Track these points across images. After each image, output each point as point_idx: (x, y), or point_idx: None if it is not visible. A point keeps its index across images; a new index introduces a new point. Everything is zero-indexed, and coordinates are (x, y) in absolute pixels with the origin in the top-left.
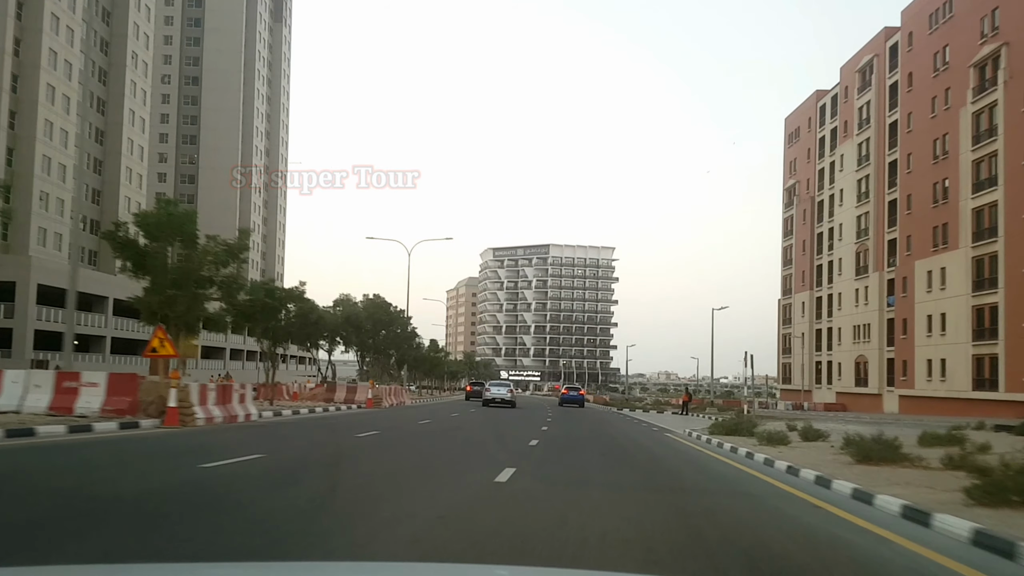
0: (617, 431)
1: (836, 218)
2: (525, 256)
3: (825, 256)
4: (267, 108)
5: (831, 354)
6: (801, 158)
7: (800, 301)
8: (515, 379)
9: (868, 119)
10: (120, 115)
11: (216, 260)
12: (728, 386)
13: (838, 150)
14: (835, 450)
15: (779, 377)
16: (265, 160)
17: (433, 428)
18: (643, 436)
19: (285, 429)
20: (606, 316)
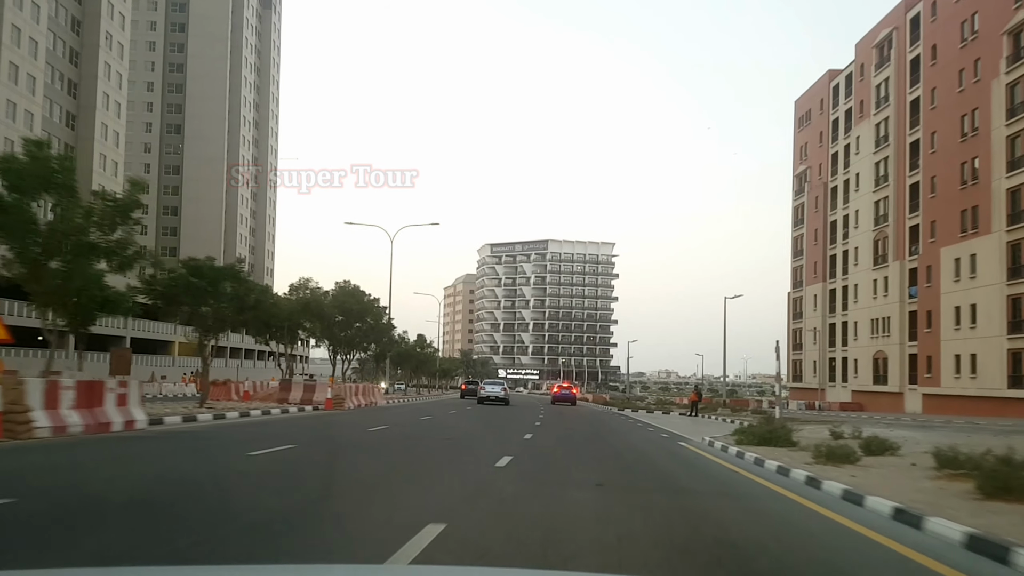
0: (619, 439)
1: (851, 204)
2: (523, 252)
3: (839, 245)
4: (256, 97)
5: (846, 350)
6: (812, 142)
7: (812, 294)
8: (514, 378)
9: (887, 97)
10: (93, 98)
11: (103, 221)
12: (730, 384)
13: (853, 132)
14: (926, 471)
15: (789, 375)
16: (254, 151)
17: (378, 439)
18: (651, 446)
19: (150, 446)
20: (606, 313)
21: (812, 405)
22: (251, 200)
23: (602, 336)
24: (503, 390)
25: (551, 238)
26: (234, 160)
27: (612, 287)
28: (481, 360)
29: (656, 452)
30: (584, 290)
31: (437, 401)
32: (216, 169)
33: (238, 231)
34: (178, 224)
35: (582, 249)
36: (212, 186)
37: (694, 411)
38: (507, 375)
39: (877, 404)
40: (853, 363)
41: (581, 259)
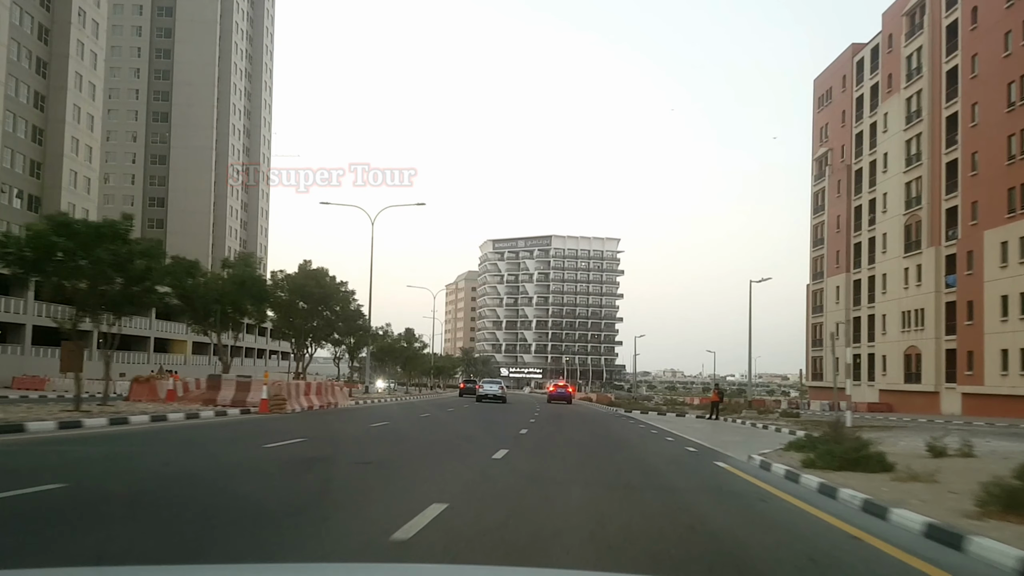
0: (628, 456)
1: (879, 187)
2: (526, 248)
3: (865, 232)
4: (247, 84)
5: (873, 346)
6: (834, 122)
7: (834, 285)
8: (516, 377)
9: (919, 68)
10: (64, 78)
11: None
12: (735, 384)
13: (881, 108)
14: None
15: (807, 373)
16: (245, 141)
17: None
18: (678, 471)
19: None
20: (611, 311)
21: (835, 406)
22: (242, 192)
23: (607, 334)
24: (500, 388)
25: (555, 233)
26: (224, 150)
27: (617, 284)
28: (483, 358)
29: (688, 483)
30: (588, 287)
31: (425, 401)
32: (205, 158)
33: (227, 224)
34: (164, 216)
35: (586, 245)
36: (200, 176)
37: (714, 413)
38: (510, 374)
39: (908, 405)
40: (881, 360)
41: (585, 255)
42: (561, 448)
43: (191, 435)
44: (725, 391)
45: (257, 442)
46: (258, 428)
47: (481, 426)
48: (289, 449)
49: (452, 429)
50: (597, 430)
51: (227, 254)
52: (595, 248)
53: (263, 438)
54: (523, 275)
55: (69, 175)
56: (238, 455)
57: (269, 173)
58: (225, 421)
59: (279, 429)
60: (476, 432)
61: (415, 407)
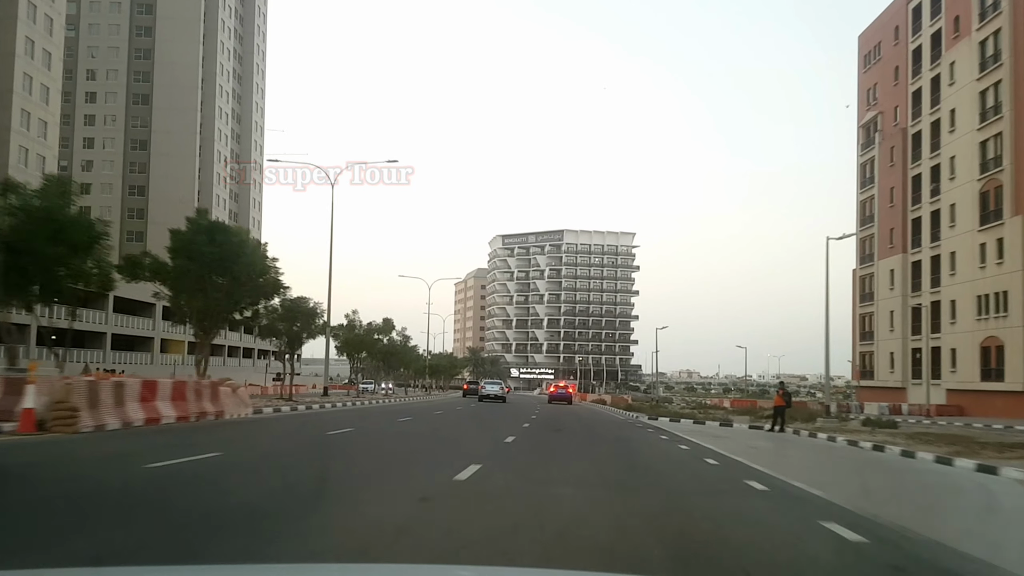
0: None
1: (944, 150)
2: (537, 243)
3: (926, 205)
4: (236, 65)
5: (938, 338)
6: (885, 81)
7: (887, 269)
8: (527, 377)
9: (996, 4)
10: (12, 44)
11: None
12: (758, 384)
13: (945, 58)
14: None
15: (855, 371)
16: (235, 127)
17: None
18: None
19: None
20: (625, 308)
21: (896, 409)
22: (230, 181)
23: (621, 332)
24: (501, 389)
25: (567, 227)
26: (209, 135)
27: (632, 280)
28: (491, 358)
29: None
30: (602, 283)
31: (403, 407)
32: (188, 141)
33: (214, 215)
34: (145, 205)
35: (600, 239)
36: (183, 163)
37: (778, 423)
38: (520, 374)
39: (986, 407)
40: (949, 354)
41: (599, 250)
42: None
43: None
44: (792, 394)
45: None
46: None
47: (459, 432)
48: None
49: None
50: (618, 455)
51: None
52: (609, 243)
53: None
54: (534, 271)
55: (18, 152)
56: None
57: (263, 165)
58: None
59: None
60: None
61: (371, 416)
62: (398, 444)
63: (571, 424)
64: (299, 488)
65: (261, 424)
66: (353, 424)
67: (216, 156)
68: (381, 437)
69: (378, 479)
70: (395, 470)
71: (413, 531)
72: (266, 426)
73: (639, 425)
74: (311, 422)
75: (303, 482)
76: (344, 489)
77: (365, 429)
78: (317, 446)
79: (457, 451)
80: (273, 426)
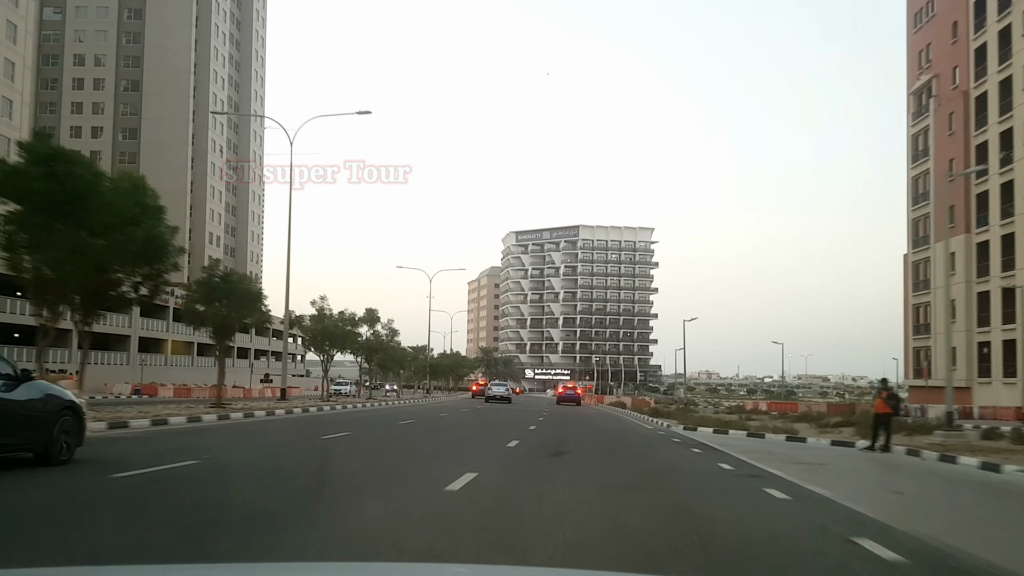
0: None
1: (1017, 112)
2: (552, 239)
3: (994, 177)
4: (234, 51)
5: (1012, 329)
6: (940, 40)
7: (946, 251)
8: (542, 378)
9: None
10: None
11: None
12: (782, 384)
13: (1016, 5)
14: None
15: (907, 369)
16: (232, 113)
17: None
18: None
19: None
20: (644, 306)
21: (967, 412)
22: (228, 171)
23: (640, 332)
24: (507, 390)
25: (583, 223)
26: (203, 122)
27: (651, 277)
28: (504, 359)
29: None
30: (620, 281)
31: (350, 416)
32: (180, 129)
33: (208, 225)
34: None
35: (617, 235)
36: (175, 152)
37: (881, 438)
38: (535, 375)
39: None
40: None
41: (616, 246)
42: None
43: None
44: (901, 397)
45: None
46: None
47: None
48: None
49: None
50: (673, 531)
51: (205, 255)
52: (626, 238)
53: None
54: (549, 269)
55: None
56: None
57: (262, 157)
58: None
59: None
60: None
61: (296, 432)
62: (279, 489)
63: (581, 440)
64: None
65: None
66: (226, 450)
67: (211, 145)
68: (251, 475)
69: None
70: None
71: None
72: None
73: (675, 440)
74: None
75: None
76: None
77: (222, 463)
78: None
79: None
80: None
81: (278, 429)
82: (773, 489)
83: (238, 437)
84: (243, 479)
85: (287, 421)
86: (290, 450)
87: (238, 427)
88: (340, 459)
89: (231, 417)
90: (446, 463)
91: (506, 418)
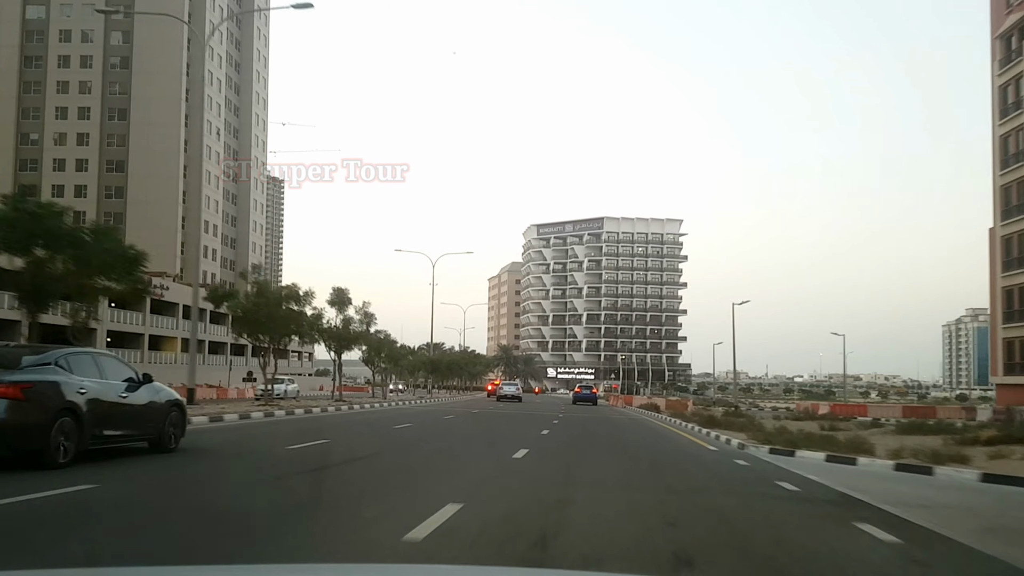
0: None
1: None
2: (575, 232)
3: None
4: (233, 50)
5: None
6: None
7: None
8: (565, 377)
9: None
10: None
11: None
12: (828, 384)
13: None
14: None
15: (998, 364)
16: (232, 119)
17: None
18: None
19: None
20: (672, 302)
21: None
22: (226, 171)
23: (669, 328)
24: (517, 389)
25: (607, 215)
26: (196, 127)
27: (680, 271)
28: (525, 357)
29: None
30: (647, 275)
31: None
32: (170, 135)
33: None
34: (123, 208)
35: (643, 227)
36: (165, 157)
37: None
38: (557, 374)
39: None
40: None
41: (643, 239)
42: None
43: None
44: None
45: None
46: None
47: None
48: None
49: None
50: None
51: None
52: (654, 231)
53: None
54: (571, 263)
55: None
56: None
57: (264, 162)
58: None
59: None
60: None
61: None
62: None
63: (604, 481)
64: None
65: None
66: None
67: (206, 152)
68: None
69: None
70: None
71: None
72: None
73: (772, 475)
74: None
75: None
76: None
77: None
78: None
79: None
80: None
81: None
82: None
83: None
84: None
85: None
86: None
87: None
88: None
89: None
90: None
91: (502, 429)
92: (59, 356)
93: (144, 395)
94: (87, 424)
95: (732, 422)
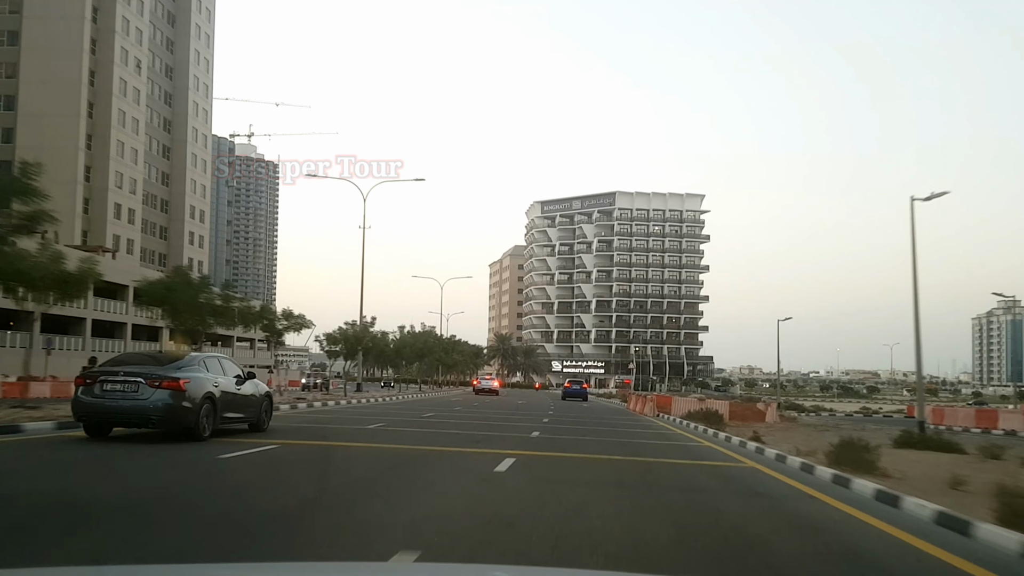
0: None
1: None
2: (583, 210)
3: None
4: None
5: None
6: None
7: None
8: (571, 371)
9: None
10: None
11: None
12: (904, 382)
13: None
14: None
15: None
16: (162, 81)
17: None
18: None
19: None
20: (692, 287)
21: None
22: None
23: (688, 317)
24: (495, 383)
25: (619, 189)
26: (106, 87)
27: (701, 253)
28: (525, 348)
29: None
30: (663, 257)
31: None
32: (69, 96)
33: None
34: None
35: (660, 204)
36: (62, 120)
37: None
38: (563, 368)
39: None
40: None
41: (659, 216)
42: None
43: None
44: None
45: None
46: None
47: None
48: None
49: None
50: None
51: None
52: (672, 207)
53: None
54: (579, 244)
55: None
56: None
57: (207, 136)
58: None
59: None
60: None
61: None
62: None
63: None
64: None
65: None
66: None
67: (117, 117)
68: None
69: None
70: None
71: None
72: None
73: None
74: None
75: None
76: None
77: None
78: None
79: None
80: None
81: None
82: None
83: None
84: None
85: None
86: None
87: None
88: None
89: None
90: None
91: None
92: (202, 359)
93: (249, 388)
94: (220, 409)
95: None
